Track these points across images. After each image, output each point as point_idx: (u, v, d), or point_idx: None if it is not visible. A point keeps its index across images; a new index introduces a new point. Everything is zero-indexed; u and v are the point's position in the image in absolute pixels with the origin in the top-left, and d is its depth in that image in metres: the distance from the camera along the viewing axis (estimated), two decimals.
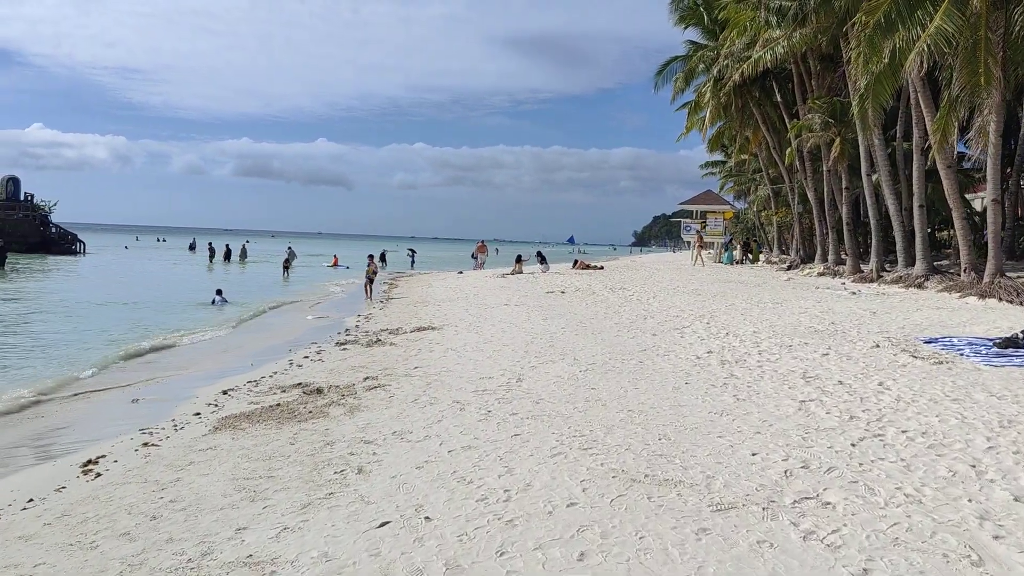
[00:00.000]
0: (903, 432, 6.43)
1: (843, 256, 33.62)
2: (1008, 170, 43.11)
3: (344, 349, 13.60)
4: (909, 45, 17.36)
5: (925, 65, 16.48)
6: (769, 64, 27.20)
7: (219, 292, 25.19)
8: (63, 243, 58.31)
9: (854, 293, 20.95)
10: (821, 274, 31.10)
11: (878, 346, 10.97)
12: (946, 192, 20.56)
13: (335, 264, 47.53)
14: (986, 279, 18.23)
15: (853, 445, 6.11)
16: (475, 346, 12.63)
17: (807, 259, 37.49)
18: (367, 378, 10.19)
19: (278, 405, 8.87)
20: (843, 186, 29.87)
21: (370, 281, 25.74)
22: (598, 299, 20.62)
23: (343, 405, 8.57)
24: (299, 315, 21.25)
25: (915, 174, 22.62)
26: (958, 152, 24.11)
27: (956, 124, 18.49)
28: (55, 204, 62.70)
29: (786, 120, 35.87)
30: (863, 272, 28.15)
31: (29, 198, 58.04)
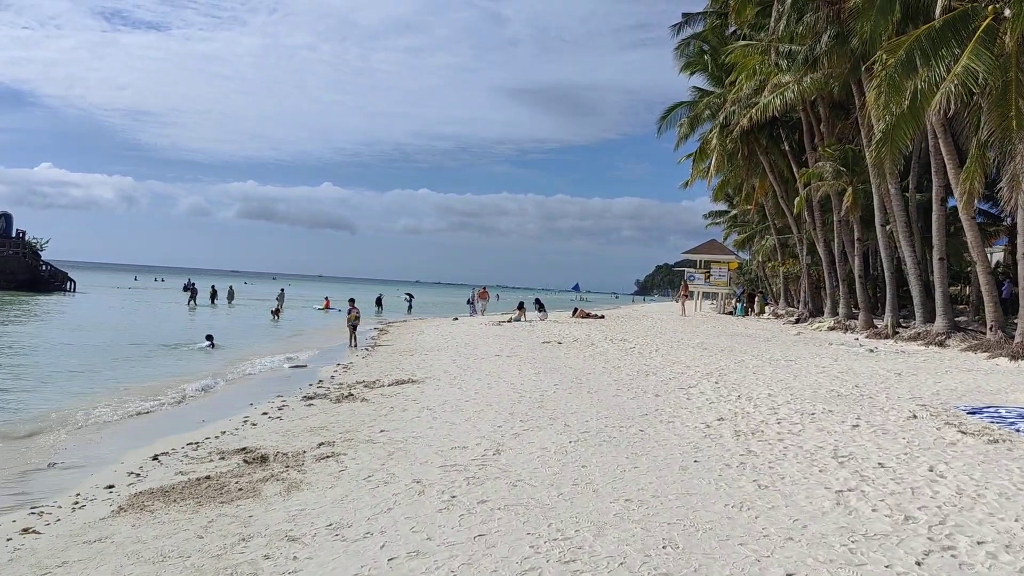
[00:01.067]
0: (979, 544, 4.98)
1: (854, 310, 32.24)
2: None
3: (310, 405, 12.16)
4: (932, 87, 16.20)
5: (950, 108, 15.27)
6: (778, 110, 26.18)
7: (209, 337, 23.85)
8: (53, 281, 57.11)
9: (872, 351, 19.51)
10: (832, 328, 29.69)
11: (915, 416, 9.52)
12: (970, 244, 19.26)
13: (327, 307, 46.11)
14: (1018, 339, 16.79)
15: (918, 563, 4.65)
16: (455, 405, 11.18)
17: (815, 312, 36.10)
18: (322, 444, 8.75)
19: (208, 477, 7.43)
20: (855, 237, 28.62)
21: (353, 328, 24.39)
22: (597, 351, 19.20)
23: (283, 480, 7.13)
24: (277, 362, 19.82)
25: (935, 225, 21.35)
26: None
27: (983, 172, 17.25)
28: (47, 242, 61.58)
29: (794, 169, 34.84)
30: (877, 328, 26.74)
31: (21, 235, 56.97)
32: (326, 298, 48.61)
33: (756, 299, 45.66)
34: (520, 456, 7.65)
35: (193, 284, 52.85)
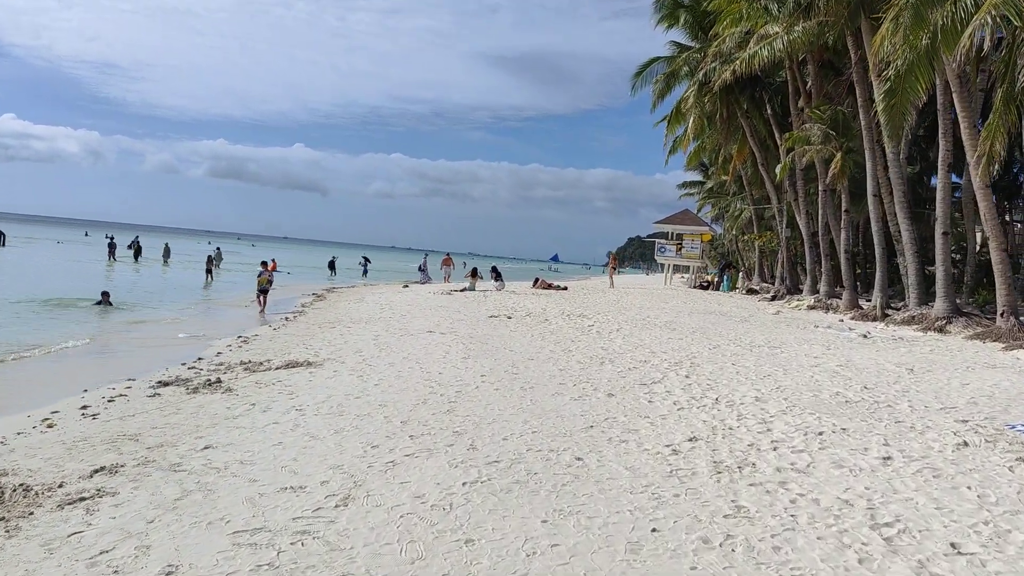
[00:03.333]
0: None
1: (837, 288, 29.77)
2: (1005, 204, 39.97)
3: (155, 395, 9.20)
4: (956, 24, 13.42)
5: (983, 46, 12.51)
6: (765, 61, 23.27)
7: (104, 294, 20.79)
8: None
9: (865, 336, 16.92)
10: (812, 307, 27.18)
11: (965, 444, 6.81)
12: (983, 217, 16.67)
13: (273, 270, 42.68)
14: None
15: None
16: (338, 405, 8.30)
17: (793, 289, 33.65)
18: (100, 471, 5.83)
19: None
20: (842, 208, 26.02)
21: (263, 292, 21.48)
22: (549, 329, 16.39)
23: None
24: (172, 331, 16.76)
25: (939, 194, 18.73)
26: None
27: (1005, 132, 14.57)
28: None
29: (776, 135, 32.13)
30: (863, 308, 24.26)
31: None
32: (272, 260, 45.09)
33: (731, 273, 43.14)
34: (376, 513, 4.80)
35: (111, 238, 48.52)
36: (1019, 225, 43.88)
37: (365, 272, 52.69)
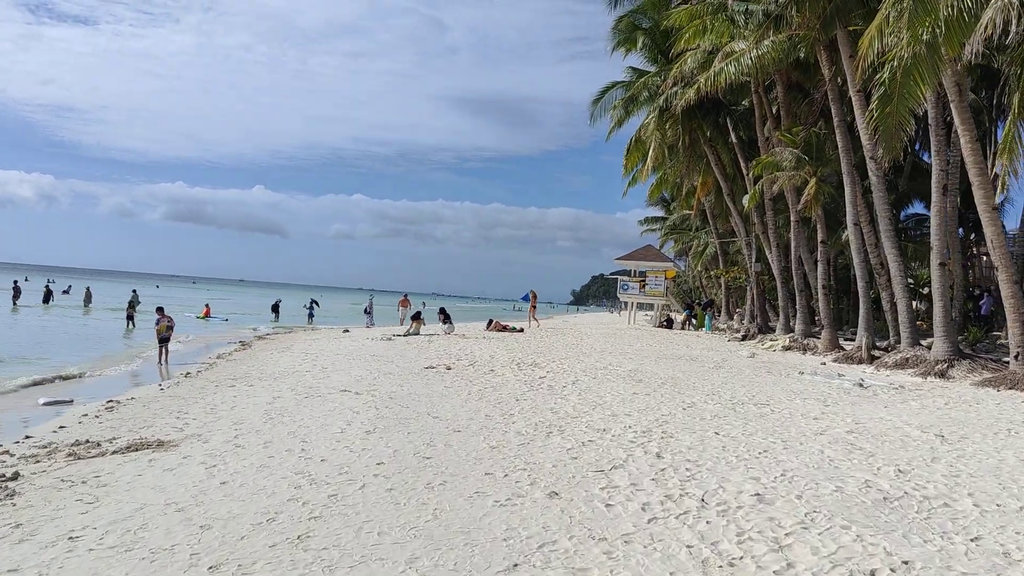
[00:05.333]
0: None
1: (814, 327, 27.59)
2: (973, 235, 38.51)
3: None
4: (963, 15, 11.28)
5: (1004, 33, 10.35)
6: (732, 77, 21.21)
7: None
8: None
9: (861, 384, 14.52)
10: (787, 348, 24.90)
11: None
12: (990, 245, 14.47)
13: (206, 315, 39.50)
14: None
15: None
16: (137, 528, 5.54)
17: (764, 328, 31.44)
18: None
19: None
20: (819, 239, 23.91)
21: (163, 342, 18.69)
22: (492, 383, 13.74)
23: None
24: (32, 396, 13.75)
25: (935, 220, 16.55)
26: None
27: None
28: None
29: (742, 164, 30.17)
30: (845, 350, 22.00)
31: None
32: (206, 304, 41.89)
33: (697, 312, 40.94)
34: None
35: (16, 283, 44.75)
36: (985, 258, 42.68)
37: (311, 316, 49.57)
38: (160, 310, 20.30)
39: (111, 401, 12.57)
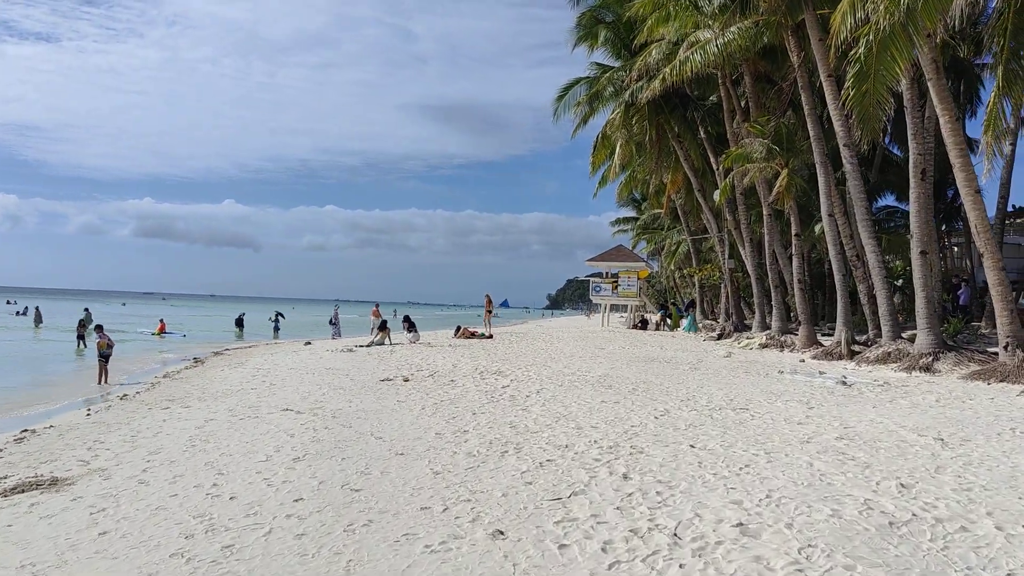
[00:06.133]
0: None
1: (792, 324, 26.84)
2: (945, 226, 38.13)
3: None
4: None
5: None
6: (699, 66, 20.35)
7: None
8: None
9: (844, 382, 13.64)
10: (764, 345, 24.09)
11: None
12: (974, 230, 13.67)
13: (161, 331, 37.96)
14: None
15: None
16: None
17: (740, 326, 30.66)
18: None
19: None
20: (792, 232, 23.13)
21: (104, 360, 17.56)
22: (450, 396, 12.68)
23: None
24: None
25: (913, 208, 15.76)
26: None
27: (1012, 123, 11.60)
28: None
29: (712, 160, 29.39)
30: (824, 345, 21.21)
31: None
32: (160, 320, 40.32)
33: (671, 312, 40.18)
34: None
35: None
36: (956, 248, 42.36)
37: (276, 329, 48.10)
38: (99, 329, 19.09)
39: (25, 431, 11.33)
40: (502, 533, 5.27)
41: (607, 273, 43.80)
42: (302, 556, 4.90)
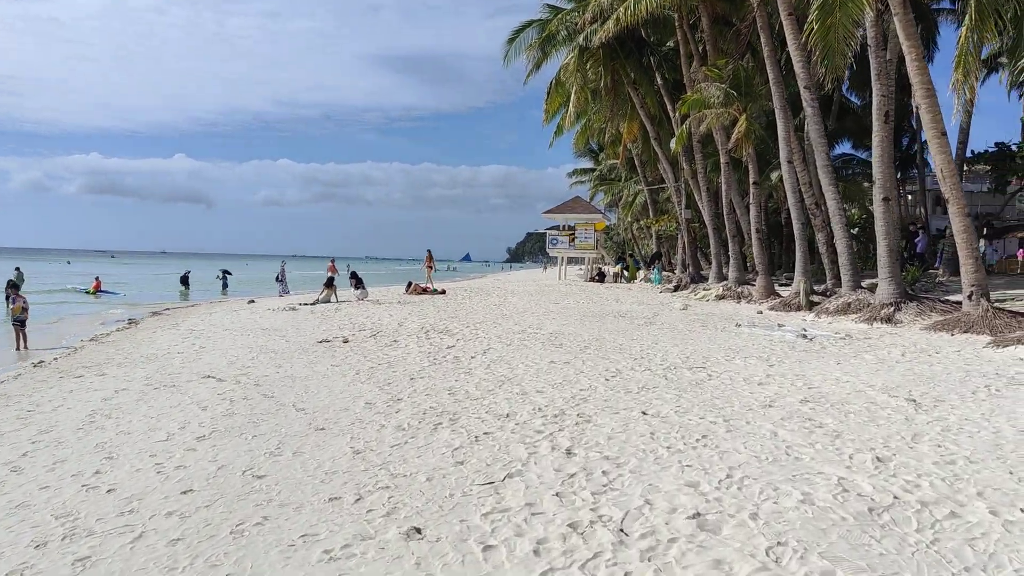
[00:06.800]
0: None
1: (749, 275, 26.39)
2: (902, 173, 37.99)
3: None
4: None
5: None
6: (654, 6, 19.32)
7: None
8: None
9: (804, 335, 13.07)
10: (721, 297, 23.62)
11: None
12: (940, 174, 13.03)
13: (96, 289, 36.27)
14: None
15: None
16: None
17: (697, 277, 30.17)
18: None
19: None
20: (751, 180, 22.47)
21: (20, 324, 16.33)
22: (389, 358, 11.81)
23: None
24: None
25: (876, 152, 15.10)
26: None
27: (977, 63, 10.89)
28: None
29: (669, 108, 28.50)
30: (782, 296, 20.74)
31: None
32: (96, 278, 38.53)
33: (629, 264, 39.64)
34: None
35: None
36: (911, 197, 42.39)
37: (225, 286, 46.59)
38: (13, 288, 17.74)
39: None
40: (419, 532, 4.45)
41: (564, 226, 42.98)
42: (169, 572, 4.02)
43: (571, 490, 5.06)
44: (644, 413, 7.26)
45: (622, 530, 4.29)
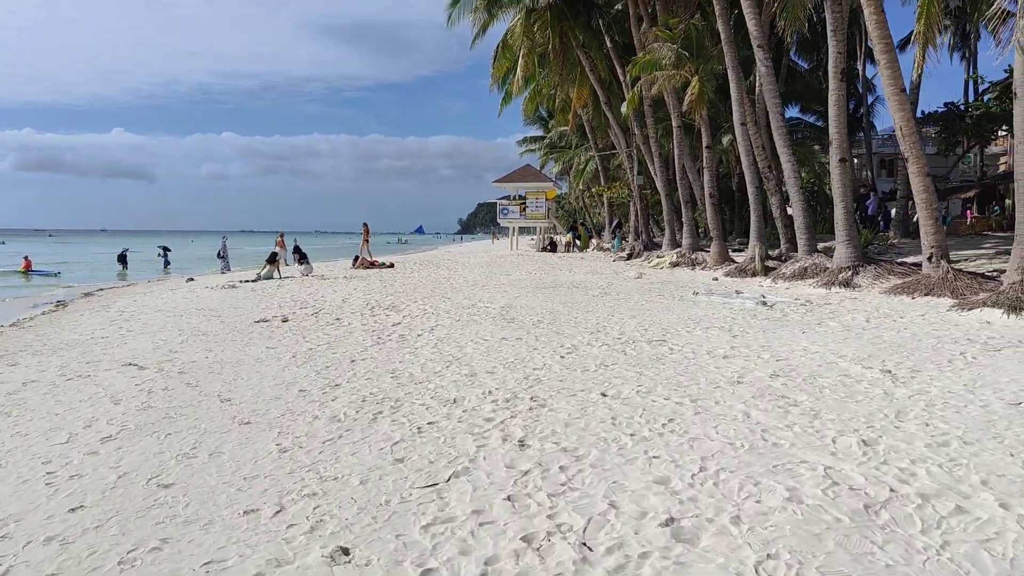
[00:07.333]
0: None
1: (702, 241, 26.05)
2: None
3: None
4: None
5: None
6: None
7: None
8: None
9: (764, 303, 12.63)
10: (675, 264, 23.24)
11: None
12: (899, 133, 12.63)
13: (27, 269, 34.52)
14: (1016, 277, 10.31)
15: None
16: None
17: (650, 245, 29.79)
18: None
19: None
20: (703, 144, 21.98)
21: None
22: (329, 339, 11.04)
23: None
24: None
25: (832, 112, 14.66)
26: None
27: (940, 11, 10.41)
28: None
29: (619, 71, 27.84)
30: (737, 262, 20.40)
31: None
32: (25, 258, 36.68)
33: (580, 232, 39.13)
34: None
35: None
36: (856, 160, 42.64)
37: (167, 263, 44.95)
38: None
39: None
40: (346, 553, 3.77)
41: (515, 195, 42.24)
42: None
43: (525, 491, 4.43)
44: (603, 395, 6.66)
45: (584, 543, 3.67)
